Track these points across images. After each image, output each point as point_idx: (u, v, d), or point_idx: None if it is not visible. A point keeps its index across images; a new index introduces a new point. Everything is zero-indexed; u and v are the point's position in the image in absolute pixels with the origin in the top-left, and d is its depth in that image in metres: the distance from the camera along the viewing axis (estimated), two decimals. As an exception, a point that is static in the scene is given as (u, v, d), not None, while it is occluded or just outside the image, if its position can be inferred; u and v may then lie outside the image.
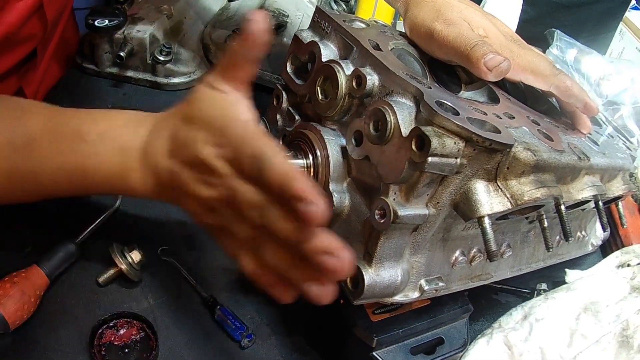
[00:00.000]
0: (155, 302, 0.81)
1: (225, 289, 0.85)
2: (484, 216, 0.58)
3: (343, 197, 0.64)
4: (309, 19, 0.75)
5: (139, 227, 0.90)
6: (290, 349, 0.80)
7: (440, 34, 0.69)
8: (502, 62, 0.64)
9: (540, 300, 0.81)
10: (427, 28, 0.70)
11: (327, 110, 0.66)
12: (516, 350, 0.75)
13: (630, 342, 0.74)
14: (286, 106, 0.76)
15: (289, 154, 0.66)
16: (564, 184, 0.71)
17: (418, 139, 0.53)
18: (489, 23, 0.74)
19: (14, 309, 0.71)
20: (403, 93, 0.58)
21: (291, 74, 0.74)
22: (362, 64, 0.64)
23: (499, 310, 0.84)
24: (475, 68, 0.66)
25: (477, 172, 0.58)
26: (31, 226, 0.86)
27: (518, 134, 0.62)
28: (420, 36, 0.73)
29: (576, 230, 0.91)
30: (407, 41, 0.75)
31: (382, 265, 0.61)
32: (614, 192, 0.83)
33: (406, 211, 0.57)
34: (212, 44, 1.21)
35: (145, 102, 1.14)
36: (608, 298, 0.79)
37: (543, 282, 0.90)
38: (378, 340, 0.69)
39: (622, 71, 1.25)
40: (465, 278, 0.73)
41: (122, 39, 1.10)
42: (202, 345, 0.78)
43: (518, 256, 0.80)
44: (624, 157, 0.84)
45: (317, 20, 0.72)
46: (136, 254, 0.81)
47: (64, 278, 0.81)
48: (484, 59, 0.64)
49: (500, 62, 0.64)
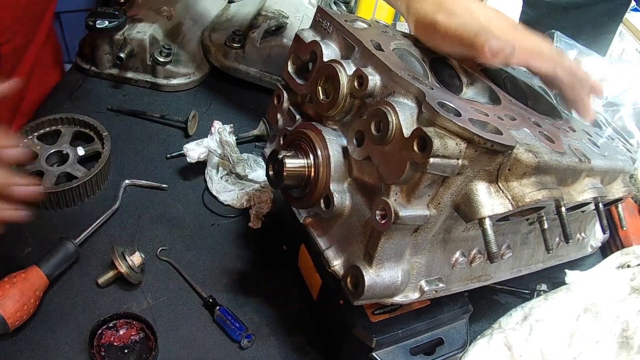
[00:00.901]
0: (154, 303, 0.81)
1: (224, 289, 0.85)
2: (485, 217, 0.58)
3: (344, 197, 0.64)
4: (308, 20, 0.75)
5: (138, 227, 0.90)
6: (290, 349, 0.80)
7: (442, 24, 0.69)
8: (506, 46, 0.65)
9: (540, 301, 0.81)
10: (430, 20, 0.71)
11: (329, 110, 0.66)
12: (516, 350, 0.75)
13: (630, 342, 0.74)
14: (287, 106, 0.76)
15: (289, 153, 0.66)
16: (565, 186, 0.71)
17: (420, 139, 0.53)
18: (491, 11, 0.74)
19: (13, 310, 0.70)
20: (405, 93, 0.58)
21: (292, 73, 0.74)
22: (363, 64, 0.64)
23: (499, 311, 0.84)
24: (480, 54, 0.66)
25: (479, 173, 0.58)
26: (31, 227, 0.86)
27: (520, 135, 0.61)
28: (424, 29, 0.74)
29: (576, 232, 0.91)
30: (408, 41, 0.75)
31: (383, 266, 0.60)
32: (614, 194, 0.83)
33: (407, 212, 0.56)
34: (211, 46, 1.21)
35: (145, 103, 1.14)
36: (608, 299, 0.79)
37: (543, 283, 0.90)
38: (377, 340, 0.69)
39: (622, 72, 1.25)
40: (466, 279, 0.73)
41: (122, 40, 1.10)
42: (201, 345, 0.78)
43: (518, 257, 0.80)
44: (624, 159, 0.84)
45: (318, 19, 0.72)
46: (137, 256, 0.81)
47: (64, 278, 0.81)
48: (488, 44, 0.65)
49: (504, 46, 0.65)
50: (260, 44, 1.17)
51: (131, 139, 1.05)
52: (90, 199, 0.93)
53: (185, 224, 0.93)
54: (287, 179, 0.65)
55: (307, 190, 0.66)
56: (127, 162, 1.01)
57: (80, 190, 0.90)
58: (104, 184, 0.96)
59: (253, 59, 1.19)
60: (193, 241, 0.91)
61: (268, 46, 1.17)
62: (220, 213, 0.96)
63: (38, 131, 0.98)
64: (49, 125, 0.99)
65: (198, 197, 0.98)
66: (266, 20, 1.21)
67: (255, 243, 0.93)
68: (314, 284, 0.79)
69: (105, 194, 0.94)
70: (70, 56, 2.09)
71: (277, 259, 0.90)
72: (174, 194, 0.97)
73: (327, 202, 0.64)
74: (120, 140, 1.03)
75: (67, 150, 0.95)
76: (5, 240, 0.84)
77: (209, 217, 0.95)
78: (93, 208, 0.91)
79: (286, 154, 0.66)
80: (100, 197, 0.94)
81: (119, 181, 0.95)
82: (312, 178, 0.65)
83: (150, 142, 1.06)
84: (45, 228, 0.86)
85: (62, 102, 1.09)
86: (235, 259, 0.90)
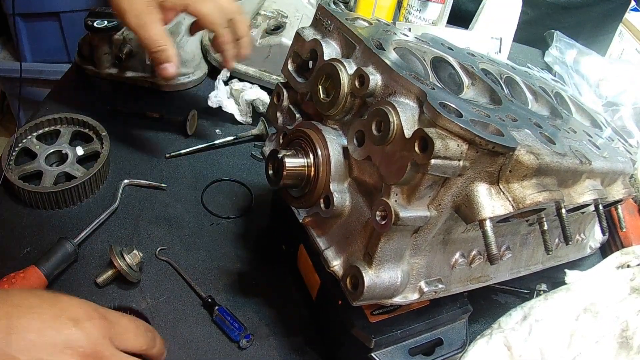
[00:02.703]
0: (153, 303, 0.81)
1: (223, 289, 0.84)
2: (485, 219, 0.58)
3: (344, 197, 0.64)
4: (307, 19, 0.75)
5: (137, 227, 0.90)
6: (289, 350, 0.80)
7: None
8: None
9: (540, 301, 0.81)
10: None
11: (329, 109, 0.65)
12: (515, 350, 0.75)
13: (630, 343, 0.74)
14: (287, 104, 0.76)
15: (289, 152, 0.66)
16: (565, 187, 0.71)
17: (421, 140, 0.53)
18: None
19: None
20: (406, 93, 0.58)
21: (292, 71, 0.74)
22: (364, 63, 0.63)
23: (499, 311, 0.84)
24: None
25: (480, 174, 0.57)
26: (30, 226, 0.86)
27: (521, 136, 0.61)
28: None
29: (575, 233, 0.91)
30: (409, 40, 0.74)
31: (382, 267, 0.60)
32: (614, 195, 0.83)
33: (407, 213, 0.56)
34: (211, 45, 1.21)
35: (144, 103, 1.13)
36: (608, 299, 0.79)
37: (543, 283, 0.90)
38: (376, 341, 0.69)
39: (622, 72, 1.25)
40: (465, 280, 0.72)
41: (121, 40, 1.10)
42: (200, 345, 0.77)
43: (517, 259, 0.80)
44: (624, 160, 0.84)
45: (319, 18, 0.72)
46: (135, 255, 0.80)
47: (63, 278, 0.81)
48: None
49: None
50: (259, 44, 1.17)
51: (130, 138, 1.05)
52: (89, 199, 0.93)
53: (184, 223, 0.93)
54: (286, 178, 0.65)
55: (306, 190, 0.66)
56: (126, 162, 1.00)
57: (79, 190, 0.90)
58: (103, 184, 0.95)
59: (252, 58, 1.18)
60: (192, 241, 0.91)
61: (267, 46, 1.17)
62: (219, 213, 0.96)
63: (37, 131, 0.97)
64: (48, 125, 0.98)
65: (197, 197, 0.98)
66: (265, 19, 1.21)
67: (254, 243, 0.92)
68: (313, 284, 0.79)
69: (104, 194, 0.94)
70: (69, 56, 2.09)
71: (276, 259, 0.89)
72: (173, 193, 0.97)
73: (327, 202, 0.64)
74: (119, 139, 1.03)
75: (66, 150, 0.95)
76: (4, 240, 0.83)
77: (208, 217, 0.95)
78: (92, 208, 0.91)
79: (286, 153, 0.65)
80: (99, 196, 0.94)
81: (118, 181, 0.95)
82: (312, 177, 0.65)
83: (149, 142, 1.05)
84: (44, 228, 0.86)
85: (62, 102, 1.09)
86: (234, 258, 0.89)
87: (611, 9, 1.57)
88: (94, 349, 0.53)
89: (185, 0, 0.86)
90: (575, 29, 1.54)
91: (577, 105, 0.96)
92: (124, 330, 0.58)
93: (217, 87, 1.12)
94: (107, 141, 0.97)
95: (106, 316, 0.56)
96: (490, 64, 0.84)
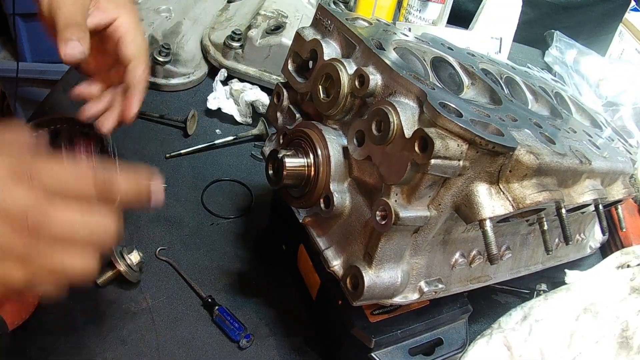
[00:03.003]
0: (153, 303, 0.81)
1: (223, 289, 0.84)
2: (485, 219, 0.58)
3: (344, 197, 0.64)
4: (307, 19, 0.75)
5: (137, 227, 0.90)
6: (289, 350, 0.80)
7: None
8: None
9: (540, 301, 0.81)
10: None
11: (329, 109, 0.65)
12: (515, 350, 0.75)
13: (630, 343, 0.74)
14: (287, 104, 0.76)
15: (289, 152, 0.66)
16: (565, 187, 0.71)
17: (421, 140, 0.53)
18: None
19: (12, 310, 0.70)
20: (406, 93, 0.58)
21: (292, 71, 0.74)
22: (364, 63, 0.63)
23: (499, 311, 0.84)
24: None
25: (480, 174, 0.58)
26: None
27: (521, 136, 0.61)
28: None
29: (575, 233, 0.92)
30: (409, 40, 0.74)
31: (382, 267, 0.60)
32: (615, 195, 0.83)
33: (407, 213, 0.56)
34: (211, 45, 1.21)
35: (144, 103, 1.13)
36: (608, 299, 0.79)
37: (543, 283, 0.90)
38: (376, 341, 0.69)
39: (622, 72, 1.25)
40: (465, 280, 0.72)
41: (121, 38, 1.10)
42: (200, 345, 0.77)
43: (517, 258, 0.80)
44: (624, 160, 0.84)
45: (319, 17, 0.72)
46: (135, 255, 0.80)
47: (62, 278, 0.81)
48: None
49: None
50: (259, 44, 1.17)
51: (130, 138, 1.05)
52: (89, 199, 0.92)
53: (184, 223, 0.93)
54: (286, 178, 0.65)
55: (306, 190, 0.66)
56: (126, 162, 1.00)
57: (79, 190, 0.90)
58: (103, 184, 0.95)
59: (252, 58, 1.18)
60: (192, 241, 0.91)
61: (267, 46, 1.17)
62: (219, 213, 0.96)
63: (37, 131, 0.97)
64: (47, 125, 0.98)
65: (197, 196, 0.98)
66: (265, 19, 1.21)
67: (254, 243, 0.92)
68: (313, 284, 0.79)
69: (104, 194, 0.94)
70: (69, 55, 2.09)
71: (276, 259, 0.89)
72: (173, 193, 0.97)
73: (327, 202, 0.64)
74: (119, 139, 1.03)
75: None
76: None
77: (208, 217, 0.95)
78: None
79: (286, 153, 0.65)
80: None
81: (117, 180, 0.95)
82: (312, 177, 0.65)
83: (149, 142, 1.05)
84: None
85: (62, 101, 1.09)
86: (234, 258, 0.89)
87: (611, 9, 1.57)
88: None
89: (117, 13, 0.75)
90: (575, 29, 1.54)
91: (577, 105, 0.96)
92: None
93: (215, 88, 1.12)
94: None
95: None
96: (490, 64, 0.84)
